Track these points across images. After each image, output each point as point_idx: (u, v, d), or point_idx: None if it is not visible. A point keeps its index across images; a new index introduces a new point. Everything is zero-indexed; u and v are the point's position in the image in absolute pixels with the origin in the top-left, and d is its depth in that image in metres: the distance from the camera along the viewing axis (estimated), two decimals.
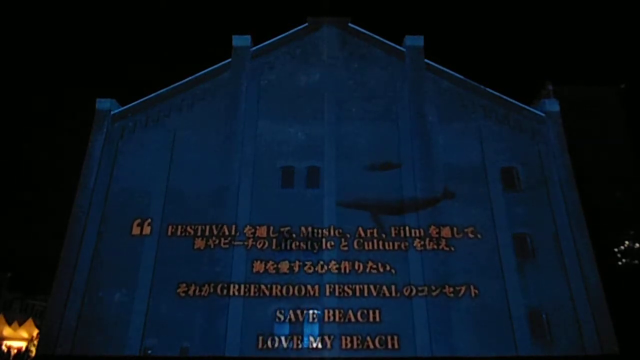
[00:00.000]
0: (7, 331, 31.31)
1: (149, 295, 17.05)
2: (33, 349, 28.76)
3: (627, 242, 22.75)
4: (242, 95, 20.32)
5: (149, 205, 18.47)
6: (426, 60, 21.12)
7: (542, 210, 18.71)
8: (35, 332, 31.50)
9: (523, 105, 20.66)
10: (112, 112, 20.32)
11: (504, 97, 20.62)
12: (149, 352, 16.32)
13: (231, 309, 16.74)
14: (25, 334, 32.76)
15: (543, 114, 20.43)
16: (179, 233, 17.89)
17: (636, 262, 22.44)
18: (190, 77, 20.70)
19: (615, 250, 22.76)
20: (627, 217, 22.64)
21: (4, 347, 30.34)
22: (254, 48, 21.26)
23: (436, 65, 21.05)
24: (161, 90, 20.57)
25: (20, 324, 33.65)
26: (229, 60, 21.02)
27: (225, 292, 16.92)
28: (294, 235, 17.76)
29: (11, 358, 29.50)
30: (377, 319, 16.59)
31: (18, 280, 41.08)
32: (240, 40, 21.28)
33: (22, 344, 32.19)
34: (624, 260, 22.66)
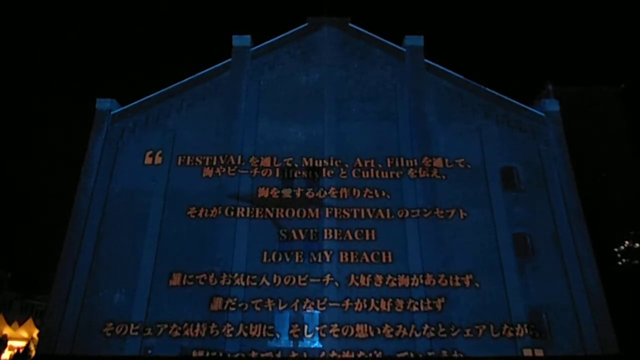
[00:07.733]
0: (7, 331, 31.32)
1: (149, 294, 17.03)
2: (33, 349, 28.75)
3: (627, 242, 22.78)
4: (242, 95, 20.32)
5: (149, 205, 18.49)
6: (426, 60, 21.08)
7: (542, 210, 18.68)
8: (35, 332, 31.51)
9: (523, 105, 20.62)
10: (112, 112, 20.29)
11: (504, 97, 20.57)
12: (149, 352, 16.32)
13: (238, 229, 17.73)
14: (25, 334, 32.77)
15: (543, 114, 20.40)
16: (188, 162, 18.96)
17: (636, 262, 22.46)
18: (190, 77, 20.66)
19: (615, 250, 22.78)
20: (627, 217, 22.66)
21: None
22: (254, 48, 21.22)
23: (436, 65, 21.01)
24: (161, 90, 20.51)
25: (20, 324, 33.67)
26: (229, 60, 20.99)
27: (232, 214, 17.76)
28: (296, 165, 18.81)
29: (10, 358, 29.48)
30: (373, 237, 17.66)
31: (18, 280, 41.10)
32: (240, 40, 21.27)
33: (22, 344, 32.19)
34: (624, 260, 22.69)
